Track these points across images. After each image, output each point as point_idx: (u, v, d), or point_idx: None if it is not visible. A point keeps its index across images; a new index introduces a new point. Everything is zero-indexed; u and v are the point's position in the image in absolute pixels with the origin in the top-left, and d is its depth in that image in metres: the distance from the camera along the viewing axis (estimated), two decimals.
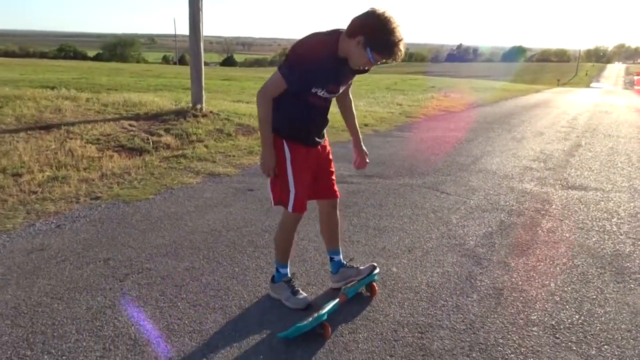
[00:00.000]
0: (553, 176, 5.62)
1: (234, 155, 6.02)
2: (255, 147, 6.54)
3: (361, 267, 2.76)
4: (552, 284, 2.90)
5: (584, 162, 6.50)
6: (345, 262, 2.80)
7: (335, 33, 2.27)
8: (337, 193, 2.74)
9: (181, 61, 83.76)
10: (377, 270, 2.76)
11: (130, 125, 7.13)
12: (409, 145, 7.29)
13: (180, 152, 6.01)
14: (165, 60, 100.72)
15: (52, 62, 37.17)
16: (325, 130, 2.63)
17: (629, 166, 6.34)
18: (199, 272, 2.90)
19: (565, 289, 2.85)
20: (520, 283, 2.90)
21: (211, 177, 5.09)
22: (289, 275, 2.66)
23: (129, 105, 8.58)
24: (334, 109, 2.61)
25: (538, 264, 3.19)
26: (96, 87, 12.62)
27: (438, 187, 4.95)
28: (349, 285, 2.67)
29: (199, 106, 8.39)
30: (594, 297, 2.77)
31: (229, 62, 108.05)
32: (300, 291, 2.60)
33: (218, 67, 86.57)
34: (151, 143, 6.25)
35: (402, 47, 2.17)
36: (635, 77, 72.42)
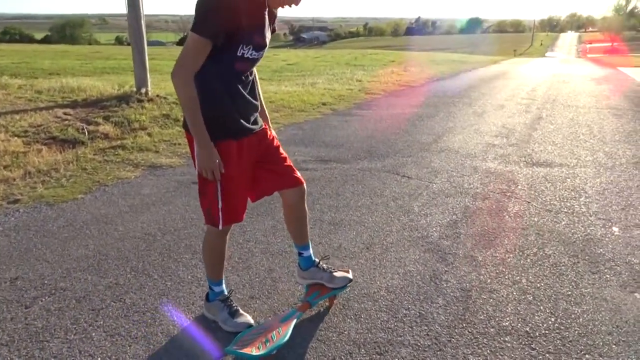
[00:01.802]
0: (517, 153, 5.39)
1: (179, 144, 5.53)
2: None
3: (335, 274, 2.37)
4: (524, 280, 2.63)
5: (547, 135, 6.31)
6: (317, 261, 2.41)
7: None
8: (301, 179, 2.25)
9: None
10: (350, 283, 2.40)
11: (65, 113, 6.50)
12: (368, 125, 6.94)
13: (119, 142, 5.48)
14: (119, 41, 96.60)
15: None
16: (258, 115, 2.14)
17: (591, 138, 6.19)
18: (124, 290, 2.48)
19: (538, 285, 2.58)
20: (489, 281, 2.61)
21: (152, 169, 4.61)
22: (226, 292, 2.25)
23: (66, 92, 7.91)
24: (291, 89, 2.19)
25: (507, 256, 2.92)
26: (37, 72, 11.74)
27: (399, 170, 4.63)
28: (313, 293, 2.31)
29: (143, 90, 7.78)
30: (569, 293, 2.51)
31: (185, 41, 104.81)
32: (240, 311, 2.21)
33: (174, 46, 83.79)
34: (87, 133, 5.68)
35: None
36: (588, 46, 74.22)
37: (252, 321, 2.18)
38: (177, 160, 4.91)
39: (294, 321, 2.09)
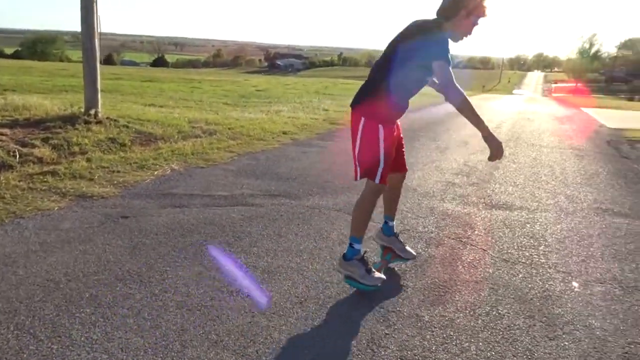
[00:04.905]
0: (476, 193, 5.17)
1: (119, 171, 5.10)
2: (150, 159, 5.66)
3: (407, 248, 3.21)
4: (473, 347, 2.31)
5: (508, 175, 6.14)
6: (397, 233, 3.24)
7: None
8: (406, 167, 3.15)
9: (108, 60, 79.42)
10: (413, 260, 3.23)
11: (0, 134, 6.01)
12: (326, 157, 6.66)
13: (51, 167, 5.01)
14: None
15: None
16: None
17: (552, 179, 6.04)
18: None
19: (488, 354, 2.27)
20: (434, 348, 2.28)
21: (80, 199, 4.17)
22: (362, 252, 2.80)
23: (8, 110, 7.41)
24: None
25: (457, 315, 2.61)
26: None
27: (350, 209, 4.30)
28: (388, 254, 3.16)
29: (92, 111, 7.34)
30: None
31: (159, 62, 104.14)
32: (374, 269, 2.82)
33: (147, 67, 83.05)
34: (17, 156, 5.20)
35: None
36: (553, 85, 76.99)
37: (384, 277, 2.84)
38: (111, 189, 4.49)
39: (382, 269, 2.98)
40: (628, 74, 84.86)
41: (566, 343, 2.41)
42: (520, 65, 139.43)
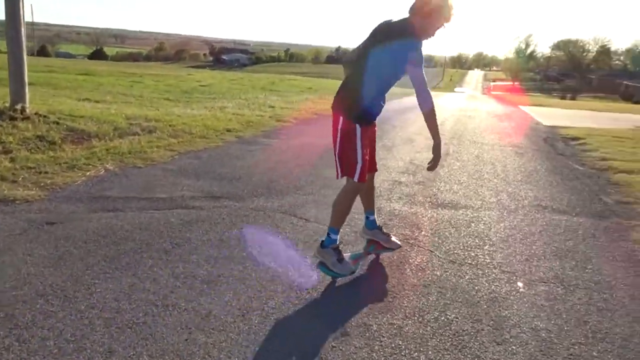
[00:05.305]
0: (422, 192, 5.17)
1: (46, 172, 4.72)
2: (82, 159, 5.29)
3: (392, 238, 3.36)
4: (423, 357, 2.24)
5: (453, 173, 6.21)
6: (380, 226, 3.36)
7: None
8: (377, 166, 3.30)
9: (41, 52, 75.04)
10: (397, 249, 3.39)
11: None
12: (272, 156, 6.49)
13: None
14: None
15: None
16: None
17: (494, 177, 6.16)
18: None
19: None
20: None
21: (1, 204, 3.81)
22: (338, 242, 2.94)
23: None
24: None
25: (405, 323, 2.53)
26: None
27: (296, 211, 4.19)
28: (371, 246, 3.32)
29: (19, 106, 6.82)
30: None
31: (98, 55, 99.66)
32: (346, 259, 2.95)
33: (85, 59, 79.28)
34: None
35: None
36: (492, 84, 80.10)
37: (355, 268, 2.99)
38: (37, 192, 4.13)
39: (360, 260, 3.15)
40: (560, 73, 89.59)
41: (514, 347, 2.38)
42: (462, 64, 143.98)
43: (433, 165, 3.04)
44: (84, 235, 3.31)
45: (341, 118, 2.91)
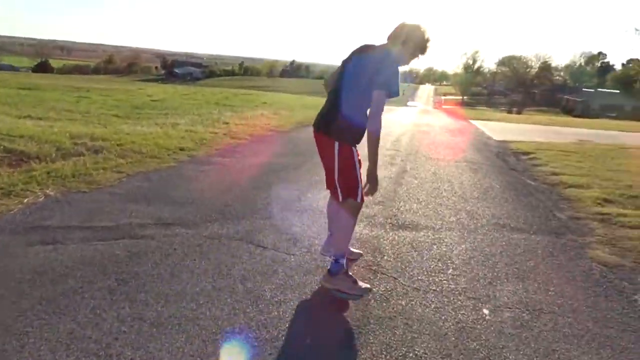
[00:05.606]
0: (383, 212, 5.08)
1: None
2: (20, 184, 4.89)
3: (353, 250, 3.64)
4: None
5: (411, 192, 6.17)
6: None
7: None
8: None
9: None
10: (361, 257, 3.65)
11: None
12: (227, 176, 6.26)
13: None
14: None
15: None
16: None
17: (452, 195, 6.16)
18: None
19: None
20: None
21: None
22: (346, 267, 3.01)
23: None
24: None
25: None
26: None
27: (253, 237, 3.98)
28: None
29: None
30: None
31: (43, 67, 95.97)
32: (358, 281, 3.02)
33: (29, 72, 76.04)
34: None
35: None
36: (442, 98, 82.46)
37: (369, 286, 3.08)
38: None
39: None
40: (506, 88, 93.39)
41: None
42: (414, 79, 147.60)
43: (369, 191, 3.05)
44: (17, 274, 3.00)
45: (337, 144, 2.97)
